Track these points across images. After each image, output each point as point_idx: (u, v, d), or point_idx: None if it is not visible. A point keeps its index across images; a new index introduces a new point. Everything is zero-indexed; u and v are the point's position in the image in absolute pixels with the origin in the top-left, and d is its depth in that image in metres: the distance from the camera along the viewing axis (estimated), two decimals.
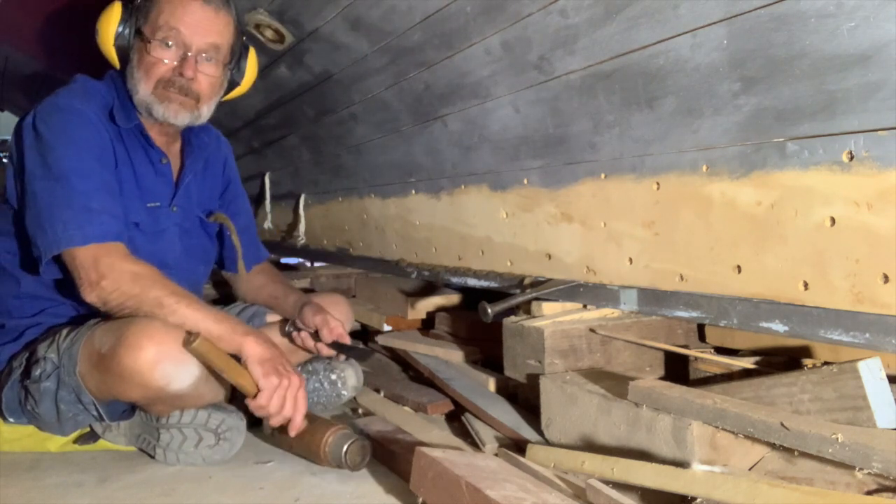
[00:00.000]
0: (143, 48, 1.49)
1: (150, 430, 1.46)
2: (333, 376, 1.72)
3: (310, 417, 1.39)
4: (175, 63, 1.49)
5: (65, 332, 1.43)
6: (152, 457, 1.46)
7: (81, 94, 1.49)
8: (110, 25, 1.51)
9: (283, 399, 1.32)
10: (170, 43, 1.48)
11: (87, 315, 1.49)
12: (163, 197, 1.61)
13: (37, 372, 1.39)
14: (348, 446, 1.32)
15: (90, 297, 1.36)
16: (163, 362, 1.29)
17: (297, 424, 1.34)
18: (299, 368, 1.73)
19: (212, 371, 1.36)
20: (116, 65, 1.55)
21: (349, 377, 1.72)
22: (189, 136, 1.67)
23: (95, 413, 1.41)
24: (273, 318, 1.80)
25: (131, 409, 1.48)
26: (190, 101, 1.52)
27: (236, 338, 1.34)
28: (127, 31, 1.51)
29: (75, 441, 1.52)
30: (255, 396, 1.32)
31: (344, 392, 1.73)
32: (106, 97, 1.53)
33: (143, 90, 1.50)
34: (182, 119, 1.53)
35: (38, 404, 1.40)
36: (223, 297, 2.17)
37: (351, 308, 1.86)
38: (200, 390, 1.39)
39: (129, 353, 1.29)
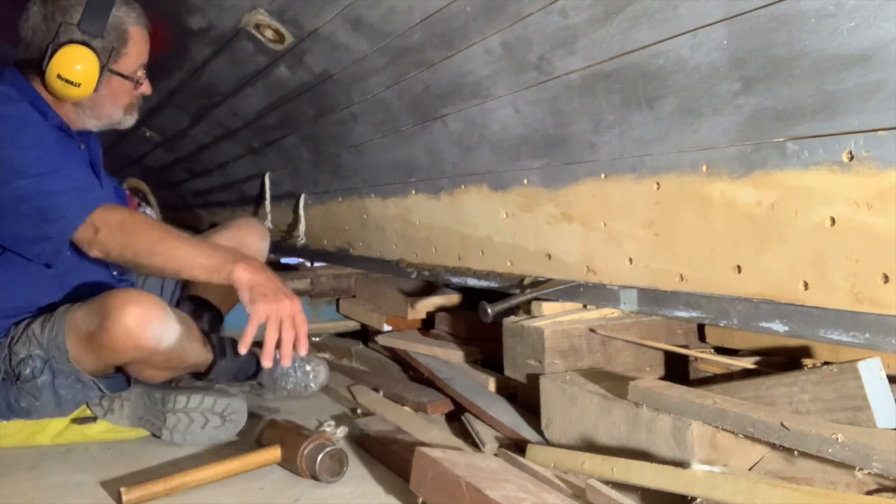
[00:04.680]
0: (120, 82, 1.58)
1: (156, 413, 1.54)
2: (308, 367, 1.81)
3: (290, 429, 1.40)
4: None
5: (36, 325, 1.46)
6: (157, 437, 1.54)
7: (6, 99, 1.50)
8: (92, 71, 1.51)
9: (279, 324, 1.30)
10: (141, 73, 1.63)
11: (49, 306, 1.52)
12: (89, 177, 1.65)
13: (27, 371, 1.43)
14: (321, 459, 1.29)
15: (94, 252, 1.42)
16: (150, 323, 1.38)
17: (303, 344, 1.32)
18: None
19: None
20: (85, 95, 1.53)
21: (321, 373, 1.82)
22: None
23: (97, 390, 1.49)
24: None
25: (127, 381, 1.56)
26: None
27: (227, 267, 1.36)
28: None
29: (73, 420, 1.55)
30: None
31: (312, 385, 1.81)
32: (25, 98, 1.54)
33: (116, 114, 1.62)
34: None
35: (38, 398, 1.46)
36: None
37: (265, 229, 1.97)
38: (185, 348, 1.49)
39: (116, 323, 1.36)
